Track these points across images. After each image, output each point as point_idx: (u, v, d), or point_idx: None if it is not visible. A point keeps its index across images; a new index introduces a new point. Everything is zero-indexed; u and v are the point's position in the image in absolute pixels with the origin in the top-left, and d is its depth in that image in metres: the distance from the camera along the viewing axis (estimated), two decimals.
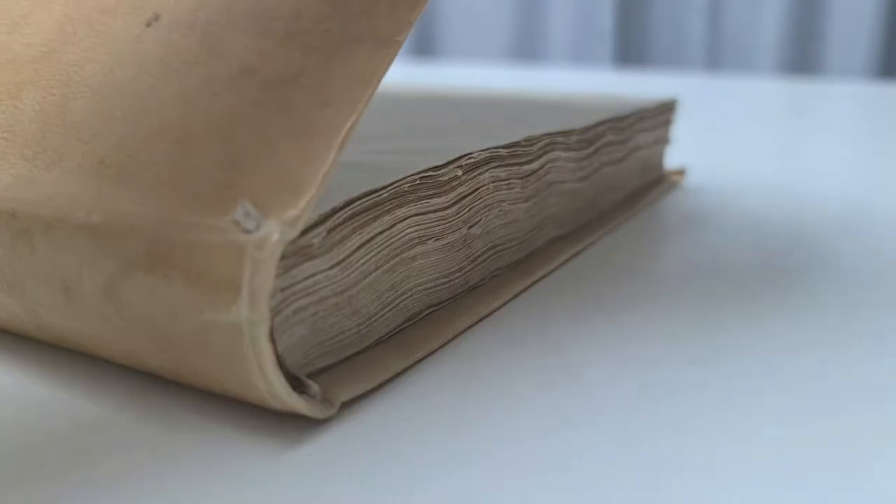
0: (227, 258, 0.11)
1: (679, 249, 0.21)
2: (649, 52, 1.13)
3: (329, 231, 0.13)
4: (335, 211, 0.13)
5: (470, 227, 0.17)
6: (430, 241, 0.15)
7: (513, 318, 0.17)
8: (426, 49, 1.23)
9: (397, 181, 0.14)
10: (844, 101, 0.57)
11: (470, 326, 0.16)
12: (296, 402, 0.12)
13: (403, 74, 0.76)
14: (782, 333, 0.16)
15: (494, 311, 0.17)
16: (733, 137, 0.41)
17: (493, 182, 0.17)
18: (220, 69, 0.13)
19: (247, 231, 0.11)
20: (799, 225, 0.24)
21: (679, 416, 0.13)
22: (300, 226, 0.11)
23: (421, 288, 0.15)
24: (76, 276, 0.12)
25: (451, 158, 0.16)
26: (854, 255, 0.21)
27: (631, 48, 1.13)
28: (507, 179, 0.18)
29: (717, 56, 1.09)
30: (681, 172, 0.30)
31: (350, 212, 0.13)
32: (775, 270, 0.19)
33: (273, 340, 0.12)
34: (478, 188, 0.17)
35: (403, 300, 0.15)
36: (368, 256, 0.14)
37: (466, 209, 0.16)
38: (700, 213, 0.25)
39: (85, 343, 0.13)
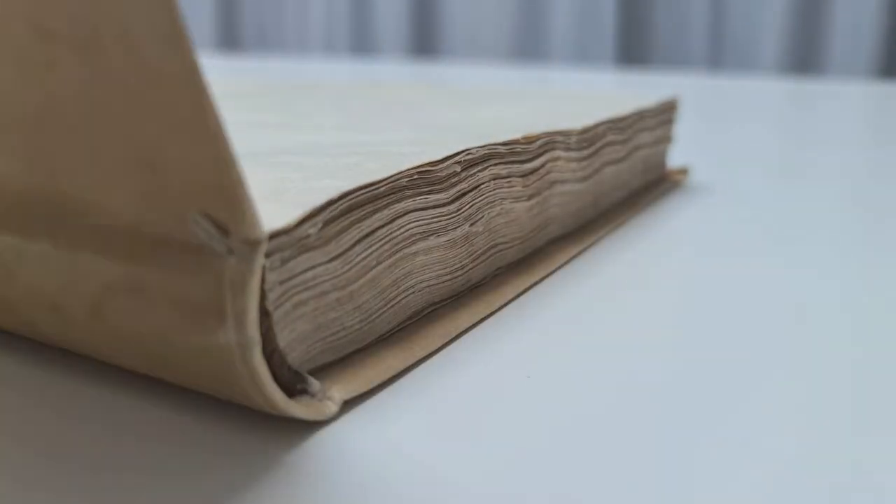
0: (206, 284, 0.10)
1: (675, 253, 0.21)
2: (651, 51, 1.13)
3: (325, 223, 0.13)
4: (330, 203, 0.13)
5: (471, 225, 0.17)
6: (431, 238, 0.15)
7: (514, 319, 0.16)
8: (427, 48, 1.23)
9: (394, 175, 0.14)
10: (847, 100, 0.57)
11: (471, 326, 0.16)
12: (295, 410, 0.12)
13: (403, 74, 0.76)
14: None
15: (496, 310, 0.17)
16: (735, 137, 0.41)
17: (493, 179, 0.17)
18: (10, 32, 0.11)
19: (217, 253, 0.10)
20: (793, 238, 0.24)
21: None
22: (263, 238, 0.10)
23: (423, 285, 0.15)
24: (61, 297, 0.12)
25: (448, 154, 0.16)
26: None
27: (633, 47, 1.13)
28: (507, 177, 0.18)
29: (719, 55, 1.09)
30: (683, 172, 0.30)
31: (346, 204, 0.13)
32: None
33: (272, 351, 0.12)
34: (478, 185, 0.17)
35: (405, 297, 0.15)
36: (370, 251, 0.14)
37: (467, 206, 0.16)
38: (700, 216, 0.25)
39: (84, 351, 0.13)
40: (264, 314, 0.11)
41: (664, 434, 0.12)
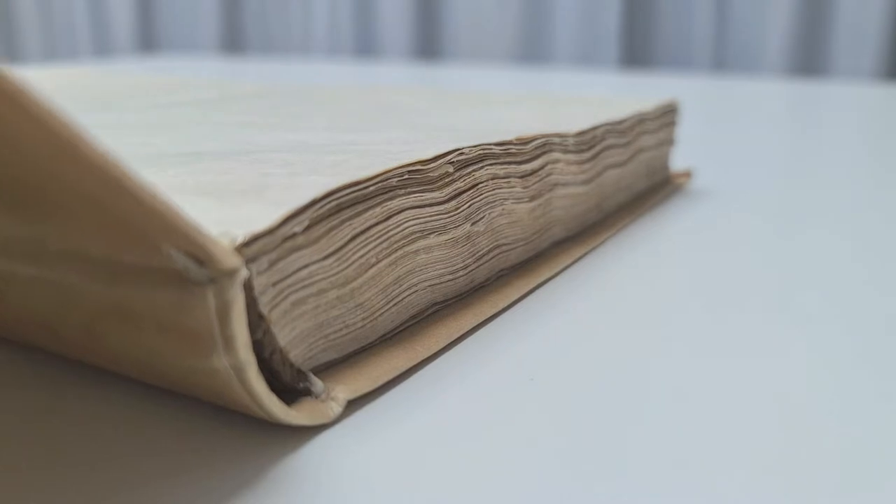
0: (192, 311, 0.10)
1: (676, 258, 0.21)
2: (655, 53, 1.13)
3: (312, 222, 0.12)
4: (314, 202, 0.12)
5: (472, 224, 0.17)
6: (431, 236, 0.15)
7: (518, 320, 0.17)
8: (431, 51, 1.23)
9: (384, 174, 0.14)
10: (851, 102, 0.57)
11: (475, 327, 0.16)
12: (298, 420, 0.12)
13: (406, 77, 0.76)
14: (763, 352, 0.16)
15: (500, 312, 0.17)
16: (740, 139, 0.41)
17: (491, 179, 0.17)
18: None
19: (198, 282, 0.10)
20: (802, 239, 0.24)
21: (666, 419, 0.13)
22: (238, 267, 0.10)
23: (426, 283, 0.15)
24: (55, 319, 0.12)
25: (438, 153, 0.16)
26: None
27: (637, 50, 1.13)
28: (506, 178, 0.18)
29: (723, 58, 1.09)
30: (687, 174, 0.30)
31: (333, 203, 0.13)
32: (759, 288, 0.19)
33: (272, 352, 0.12)
34: (476, 184, 0.17)
35: (408, 295, 0.15)
36: (367, 248, 0.14)
37: (465, 205, 0.16)
38: (704, 218, 0.25)
39: (83, 361, 0.13)
40: (259, 318, 0.11)
41: (668, 437, 0.12)
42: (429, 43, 1.24)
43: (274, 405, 0.11)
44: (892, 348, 0.15)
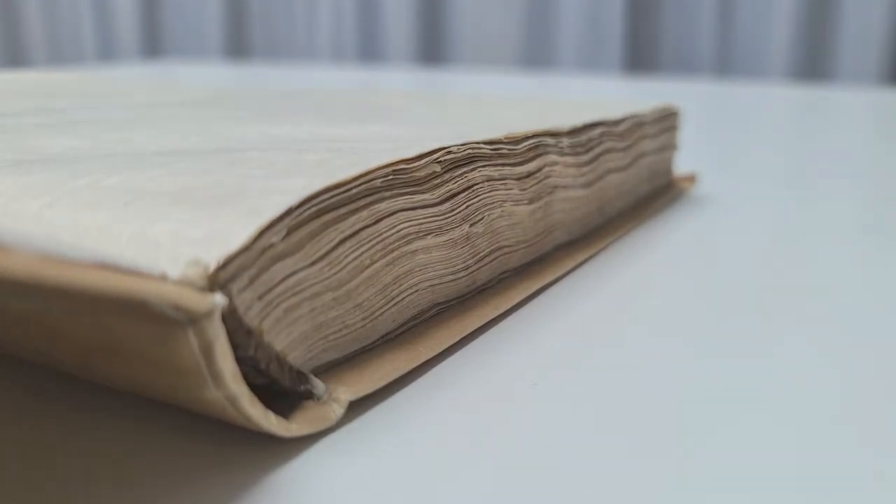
0: (178, 349, 0.10)
1: (679, 262, 0.21)
2: (659, 58, 1.13)
3: (290, 229, 0.12)
4: (290, 210, 0.12)
5: (471, 225, 0.16)
6: (429, 237, 0.15)
7: (521, 324, 0.16)
8: (435, 56, 1.24)
9: (364, 175, 0.13)
10: (856, 106, 0.57)
11: (478, 329, 0.16)
12: (300, 431, 0.12)
13: (410, 81, 0.76)
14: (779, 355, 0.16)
15: (503, 314, 0.17)
16: (744, 144, 0.41)
17: (486, 181, 0.17)
18: None
19: (179, 323, 0.10)
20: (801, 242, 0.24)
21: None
22: (212, 308, 0.10)
23: (426, 283, 0.15)
24: (47, 351, 0.12)
25: (423, 152, 0.15)
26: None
27: (641, 55, 1.13)
28: (501, 179, 0.18)
29: (727, 62, 1.09)
30: (691, 179, 0.30)
31: (313, 209, 0.12)
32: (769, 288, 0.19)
33: (268, 362, 0.11)
34: (471, 186, 0.16)
35: (408, 295, 0.15)
36: (360, 251, 0.13)
37: (462, 206, 0.16)
38: (708, 224, 0.25)
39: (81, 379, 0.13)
40: (248, 334, 0.11)
41: (672, 439, 0.12)
42: (433, 48, 1.24)
43: (272, 425, 0.11)
44: None
